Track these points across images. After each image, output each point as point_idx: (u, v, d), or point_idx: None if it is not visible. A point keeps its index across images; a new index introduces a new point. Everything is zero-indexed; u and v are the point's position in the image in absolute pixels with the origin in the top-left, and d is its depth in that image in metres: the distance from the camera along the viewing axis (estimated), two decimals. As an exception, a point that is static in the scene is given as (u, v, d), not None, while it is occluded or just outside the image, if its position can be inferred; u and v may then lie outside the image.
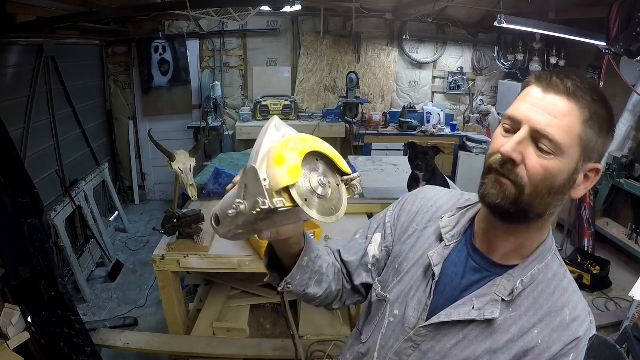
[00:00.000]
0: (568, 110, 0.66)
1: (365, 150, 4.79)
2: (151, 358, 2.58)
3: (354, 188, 0.65)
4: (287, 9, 3.27)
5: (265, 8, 3.23)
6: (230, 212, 0.58)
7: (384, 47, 5.16)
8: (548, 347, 0.71)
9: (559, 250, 3.52)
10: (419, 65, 5.27)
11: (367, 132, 4.83)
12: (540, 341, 0.71)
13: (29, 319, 1.99)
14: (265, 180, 0.55)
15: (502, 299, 0.74)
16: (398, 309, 0.85)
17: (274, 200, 0.54)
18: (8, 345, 1.91)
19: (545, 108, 0.67)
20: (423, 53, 5.24)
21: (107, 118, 4.89)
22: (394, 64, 5.20)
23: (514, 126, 0.70)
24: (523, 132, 0.68)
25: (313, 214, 0.57)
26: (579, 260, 3.61)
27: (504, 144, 0.69)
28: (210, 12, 2.88)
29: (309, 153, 0.58)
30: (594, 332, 0.76)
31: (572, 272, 3.68)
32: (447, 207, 0.88)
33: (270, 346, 2.23)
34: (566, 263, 3.05)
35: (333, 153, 0.64)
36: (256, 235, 0.68)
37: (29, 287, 1.98)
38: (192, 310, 2.57)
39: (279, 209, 0.54)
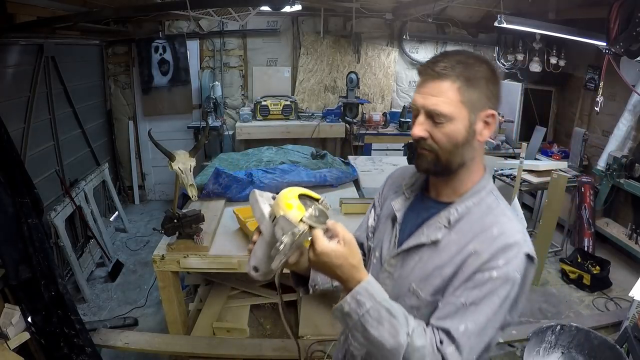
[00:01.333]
0: (444, 88, 0.89)
1: (365, 150, 4.79)
2: (151, 358, 2.58)
3: (325, 205, 0.94)
4: (287, 9, 3.27)
5: (265, 8, 3.23)
6: (278, 245, 0.86)
7: (384, 47, 5.16)
8: (479, 255, 0.89)
9: (559, 250, 3.50)
10: (419, 65, 5.26)
11: (367, 132, 4.83)
12: (473, 251, 0.90)
13: (29, 319, 1.99)
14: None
15: (444, 226, 0.95)
16: (377, 251, 1.09)
17: (300, 227, 0.85)
18: (8, 345, 1.91)
19: (429, 92, 0.91)
20: (423, 53, 5.23)
21: (107, 118, 4.89)
22: (394, 64, 5.21)
23: (416, 112, 0.95)
24: (421, 117, 0.93)
25: (319, 226, 0.88)
26: (579, 260, 3.61)
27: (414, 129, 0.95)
28: (210, 12, 2.89)
29: (298, 195, 0.91)
30: (528, 250, 0.90)
31: (572, 272, 3.70)
32: (412, 173, 1.12)
33: (270, 346, 2.23)
34: (566, 263, 3.04)
35: (307, 191, 0.95)
36: (289, 259, 0.95)
37: (29, 287, 1.97)
38: (192, 310, 2.58)
39: (304, 232, 0.85)
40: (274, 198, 0.95)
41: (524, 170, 3.77)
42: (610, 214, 4.14)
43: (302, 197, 0.91)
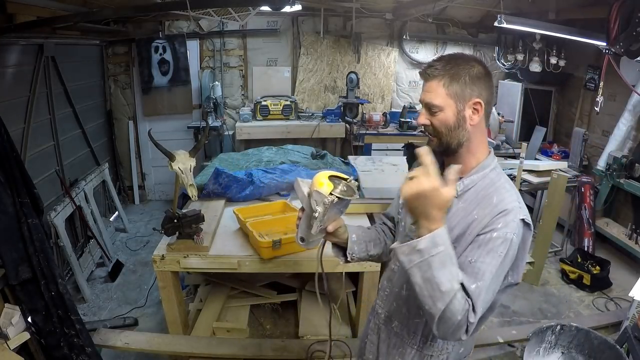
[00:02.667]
0: (434, 85, 1.12)
1: (365, 150, 4.79)
2: (151, 358, 2.58)
3: (353, 183, 1.18)
4: (287, 9, 3.27)
5: (265, 8, 3.23)
6: (314, 214, 1.12)
7: (384, 47, 5.16)
8: (481, 220, 1.07)
9: (559, 250, 3.52)
10: (419, 65, 5.26)
11: (367, 132, 4.83)
12: (476, 216, 1.09)
13: (29, 319, 1.99)
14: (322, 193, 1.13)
15: (454, 196, 1.04)
16: (403, 221, 1.29)
17: (329, 197, 1.11)
18: (8, 345, 1.91)
19: (426, 90, 1.15)
20: (423, 53, 5.24)
21: (107, 118, 4.89)
22: (394, 64, 5.20)
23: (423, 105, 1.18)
24: (423, 108, 1.17)
25: (345, 197, 1.14)
26: (579, 260, 3.61)
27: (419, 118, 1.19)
28: (210, 12, 2.88)
29: (328, 177, 1.16)
30: (523, 216, 1.08)
31: (572, 272, 3.69)
32: None
33: (270, 346, 2.23)
34: (566, 263, 3.04)
35: (336, 173, 1.19)
36: (327, 228, 1.22)
37: (29, 287, 1.98)
38: (192, 310, 2.57)
39: (334, 201, 1.11)
40: None
41: (524, 170, 3.77)
42: (610, 214, 4.14)
43: (332, 177, 1.17)
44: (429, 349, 1.23)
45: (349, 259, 1.33)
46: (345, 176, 1.18)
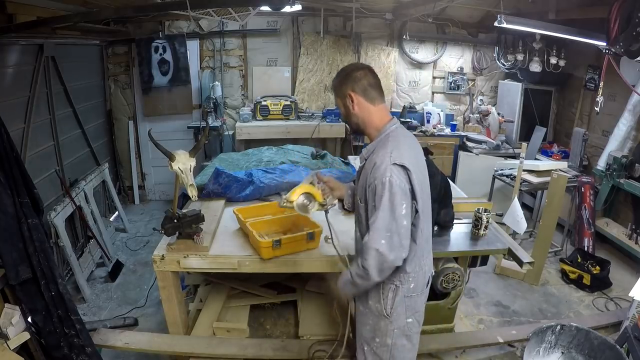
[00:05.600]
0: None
1: (365, 150, 4.79)
2: (151, 358, 2.58)
3: (326, 205, 1.81)
4: (287, 9, 3.27)
5: (265, 8, 3.23)
6: (287, 204, 1.79)
7: (384, 47, 5.16)
8: (373, 178, 1.48)
9: (559, 250, 3.53)
10: (419, 65, 5.27)
11: (367, 132, 4.82)
12: (369, 173, 1.50)
13: (29, 319, 1.99)
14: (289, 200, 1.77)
15: (365, 158, 1.60)
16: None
17: (288, 204, 1.77)
18: (8, 345, 1.91)
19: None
20: (423, 53, 5.24)
21: (107, 118, 4.89)
22: (394, 64, 5.20)
23: None
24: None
25: (295, 208, 1.78)
26: (579, 260, 3.61)
27: None
28: (210, 12, 2.89)
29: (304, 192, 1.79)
30: (393, 160, 1.45)
31: (572, 272, 3.68)
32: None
33: (270, 346, 2.23)
34: (566, 263, 3.04)
35: (316, 192, 1.78)
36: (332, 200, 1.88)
37: (29, 287, 1.98)
38: (192, 310, 2.57)
39: (289, 205, 1.78)
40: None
41: (524, 170, 3.78)
42: (610, 214, 4.14)
43: (305, 193, 1.77)
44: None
45: (345, 207, 1.96)
46: (320, 197, 1.77)
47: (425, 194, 1.58)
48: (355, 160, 3.68)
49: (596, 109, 3.25)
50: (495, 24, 3.18)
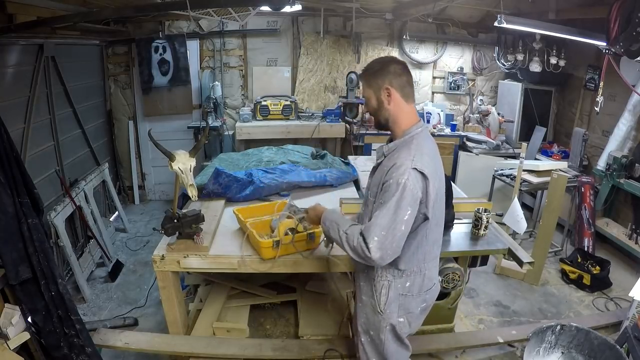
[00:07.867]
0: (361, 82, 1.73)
1: (365, 150, 4.79)
2: (151, 358, 2.58)
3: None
4: (287, 9, 3.27)
5: (265, 8, 3.23)
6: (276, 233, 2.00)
7: (384, 47, 5.16)
8: (389, 176, 1.47)
9: (559, 250, 3.53)
10: (419, 65, 5.27)
11: (367, 132, 4.82)
12: (387, 171, 1.50)
13: (29, 319, 1.99)
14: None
15: (383, 154, 1.61)
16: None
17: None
18: (8, 345, 1.91)
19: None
20: (423, 53, 5.24)
21: (107, 118, 4.89)
22: (394, 64, 5.19)
23: None
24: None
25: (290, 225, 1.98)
26: (579, 260, 3.61)
27: None
28: (210, 12, 2.88)
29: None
30: (414, 165, 1.45)
31: (572, 272, 3.68)
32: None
33: (270, 346, 2.23)
34: (566, 263, 3.04)
35: (295, 223, 1.96)
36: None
37: (29, 287, 1.98)
38: (192, 310, 2.57)
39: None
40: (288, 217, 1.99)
41: (524, 170, 3.78)
42: (610, 214, 4.14)
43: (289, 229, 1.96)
44: (371, 273, 1.65)
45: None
46: (298, 227, 1.95)
47: (440, 202, 1.58)
48: (355, 160, 3.68)
49: (596, 109, 3.25)
50: (495, 24, 3.18)
